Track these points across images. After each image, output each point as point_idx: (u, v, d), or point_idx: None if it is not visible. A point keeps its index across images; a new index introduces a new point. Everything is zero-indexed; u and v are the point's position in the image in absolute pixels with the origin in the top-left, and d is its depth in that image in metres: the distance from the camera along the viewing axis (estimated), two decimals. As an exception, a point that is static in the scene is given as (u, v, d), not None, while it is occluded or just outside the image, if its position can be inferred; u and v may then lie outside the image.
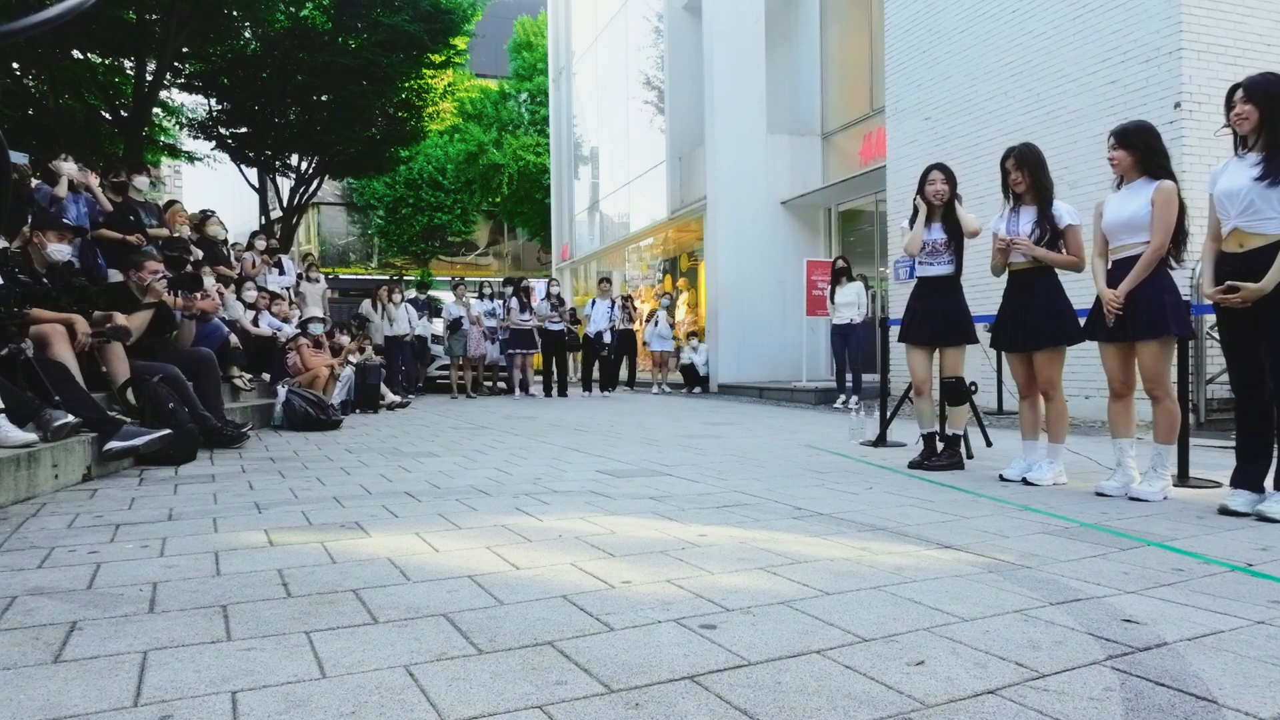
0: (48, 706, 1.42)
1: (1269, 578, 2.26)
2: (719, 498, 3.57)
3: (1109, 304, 3.61)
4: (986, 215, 8.67)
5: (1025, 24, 8.59)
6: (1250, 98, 3.13)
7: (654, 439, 6.24)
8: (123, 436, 4.27)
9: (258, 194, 19.73)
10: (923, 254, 4.57)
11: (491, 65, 30.38)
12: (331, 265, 29.72)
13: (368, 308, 11.96)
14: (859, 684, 1.51)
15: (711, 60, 13.75)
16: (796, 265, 12.50)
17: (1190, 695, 1.46)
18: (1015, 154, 4.06)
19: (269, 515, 3.18)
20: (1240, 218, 3.14)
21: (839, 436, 6.42)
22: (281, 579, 2.22)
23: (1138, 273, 3.54)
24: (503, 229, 34.22)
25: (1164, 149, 3.62)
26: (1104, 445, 4.75)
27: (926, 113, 10.04)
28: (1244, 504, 3.16)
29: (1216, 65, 6.98)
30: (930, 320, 4.56)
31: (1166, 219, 3.50)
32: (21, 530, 2.89)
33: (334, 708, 1.41)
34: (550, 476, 4.23)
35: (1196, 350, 6.65)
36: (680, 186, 15.65)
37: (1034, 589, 2.13)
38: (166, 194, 32.73)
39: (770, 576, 2.25)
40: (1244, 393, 3.29)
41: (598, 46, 20.20)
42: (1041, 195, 4.01)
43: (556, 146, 23.22)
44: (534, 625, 1.84)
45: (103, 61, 15.29)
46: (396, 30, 15.71)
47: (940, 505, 3.42)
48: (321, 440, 6.23)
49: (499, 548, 2.60)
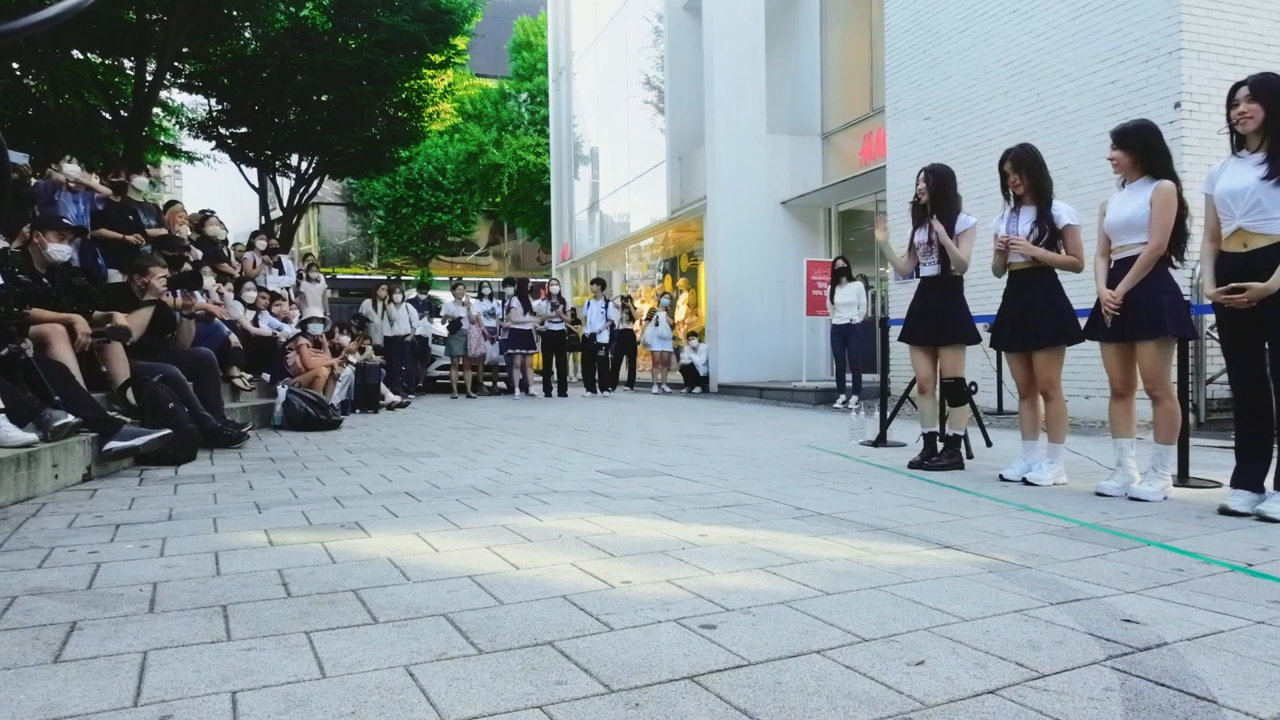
0: (48, 706, 1.42)
1: (1269, 578, 2.26)
2: (719, 498, 3.57)
3: (1106, 304, 3.61)
4: (987, 215, 8.68)
5: (1025, 24, 8.59)
6: (1256, 96, 3.11)
7: (654, 439, 6.24)
8: (123, 436, 4.27)
9: (258, 194, 19.73)
10: (920, 254, 4.59)
11: (491, 65, 30.38)
12: (331, 265, 29.75)
13: (368, 308, 11.96)
14: (859, 684, 1.51)
15: (711, 60, 13.75)
16: (796, 265, 12.50)
17: (1190, 695, 1.46)
18: (1013, 156, 4.08)
19: (269, 515, 3.18)
20: (1245, 217, 3.12)
21: (839, 436, 6.42)
22: (281, 579, 2.22)
23: (1136, 273, 3.54)
24: (503, 229, 34.23)
25: (1164, 148, 3.61)
26: (1104, 445, 4.76)
27: (926, 113, 10.04)
28: (1244, 504, 3.15)
29: (1216, 65, 6.98)
30: (926, 320, 4.58)
31: (1164, 219, 3.50)
32: (21, 530, 2.89)
33: (334, 708, 1.41)
34: (550, 476, 4.23)
35: (1196, 350, 6.65)
36: (680, 186, 15.65)
37: (1034, 589, 2.13)
38: (166, 194, 32.74)
39: (770, 576, 2.25)
40: (1244, 393, 3.29)
41: (598, 46, 20.20)
42: (1040, 196, 4.02)
43: (556, 146, 23.22)
44: (534, 625, 1.84)
45: (103, 61, 15.29)
46: (396, 30, 15.71)
47: (940, 505, 3.42)
48: (321, 440, 6.23)
49: (499, 548, 2.60)
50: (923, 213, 4.58)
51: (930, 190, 4.50)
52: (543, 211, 25.96)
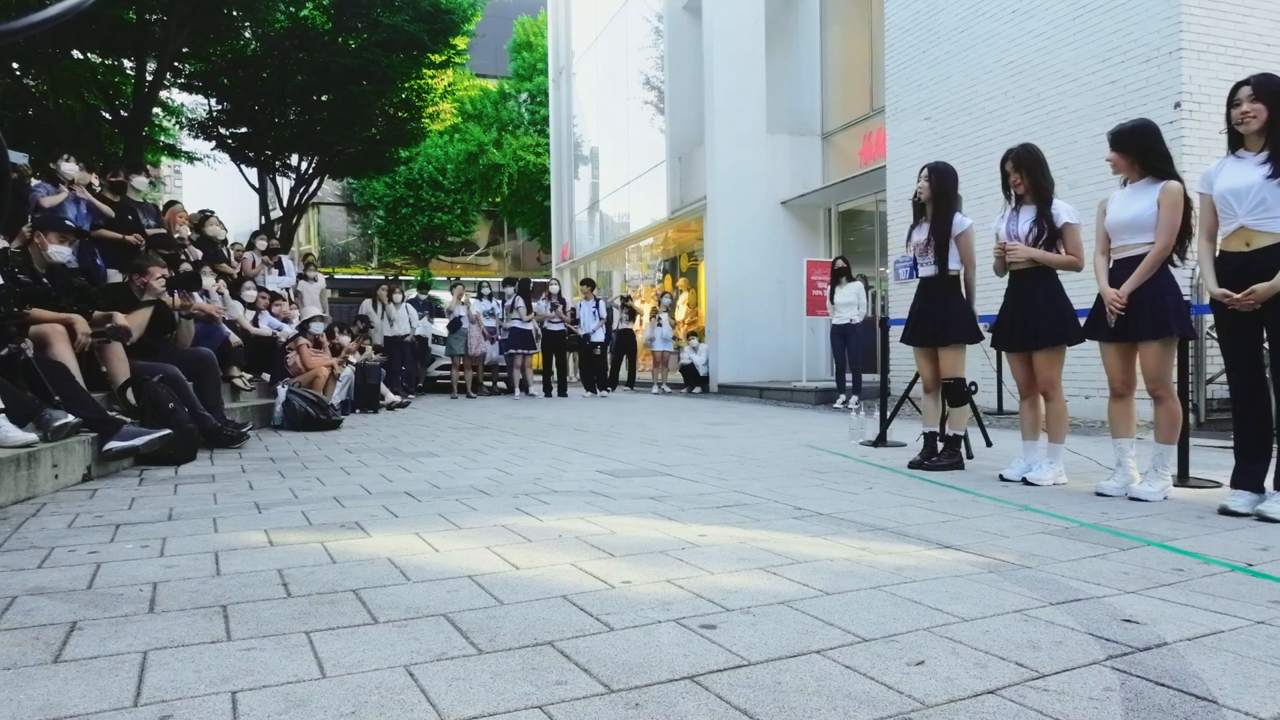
0: (48, 706, 1.42)
1: (1269, 578, 2.26)
2: (719, 498, 3.57)
3: (1112, 304, 3.60)
4: (987, 215, 8.69)
5: (1025, 24, 8.59)
6: (1260, 96, 3.10)
7: (654, 439, 6.24)
8: (122, 436, 4.27)
9: (258, 194, 19.73)
10: (918, 254, 4.62)
11: (491, 65, 30.39)
12: (331, 265, 29.75)
13: (368, 308, 11.96)
14: (859, 684, 1.51)
15: (711, 60, 13.75)
16: (796, 265, 12.50)
17: (1190, 695, 1.46)
18: (1014, 156, 4.08)
19: (269, 515, 3.17)
20: (1249, 216, 3.11)
21: (839, 436, 6.42)
22: (281, 579, 2.22)
23: (1142, 273, 3.53)
24: (503, 229, 34.22)
25: (1161, 149, 3.59)
26: (1104, 445, 4.76)
27: (926, 113, 10.04)
28: (1244, 504, 3.15)
29: (1216, 65, 6.98)
30: (923, 321, 4.61)
31: (1173, 220, 3.49)
32: (21, 530, 2.89)
33: (334, 708, 1.41)
34: (550, 476, 4.23)
35: (1196, 350, 6.65)
36: (680, 186, 15.65)
37: (1034, 589, 2.13)
38: (166, 194, 32.73)
39: (770, 576, 2.25)
40: (1244, 393, 3.29)
41: (598, 46, 20.20)
42: (1040, 195, 4.02)
43: (556, 146, 23.21)
44: (534, 625, 1.84)
45: (103, 61, 15.28)
46: (396, 30, 15.71)
47: (940, 505, 3.42)
48: (321, 440, 6.22)
49: (499, 548, 2.60)
50: (922, 210, 4.60)
51: (932, 189, 4.50)
52: (543, 211, 25.96)
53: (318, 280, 11.56)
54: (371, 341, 11.09)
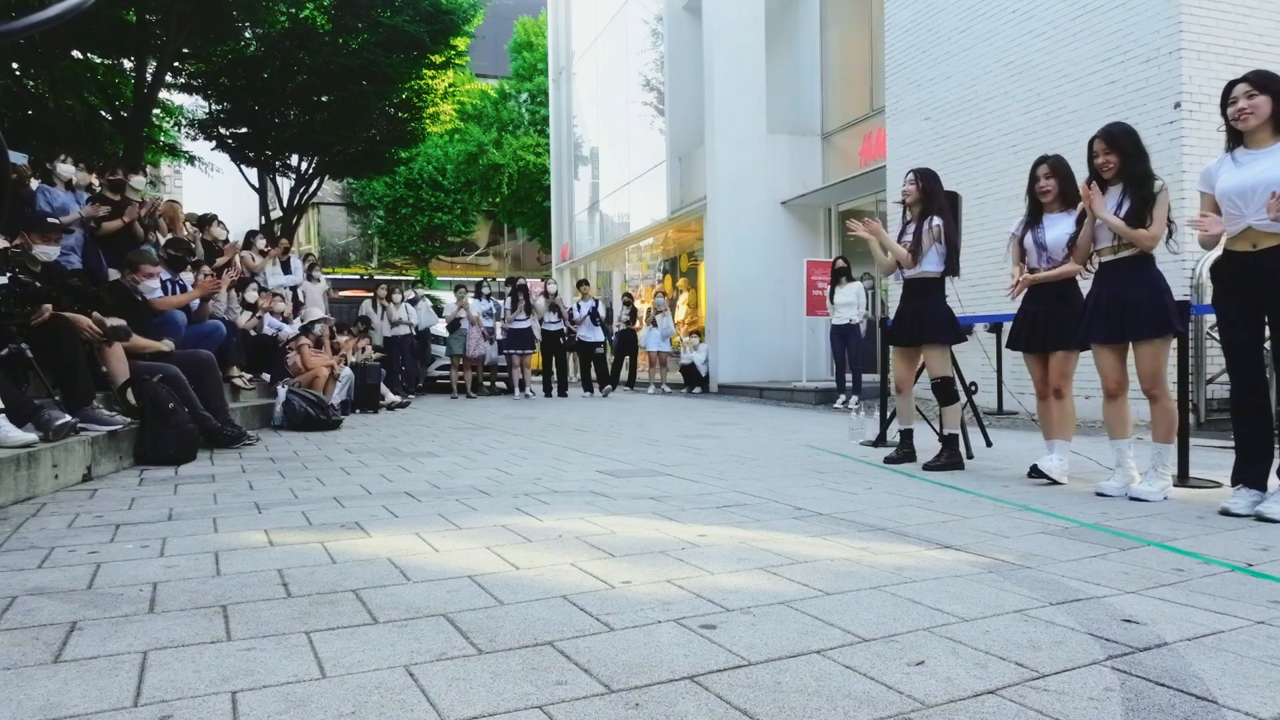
0: (48, 706, 1.42)
1: (1269, 578, 2.26)
2: (719, 498, 3.57)
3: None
4: (987, 215, 8.71)
5: (1025, 24, 8.58)
6: (1262, 89, 3.07)
7: (654, 439, 6.24)
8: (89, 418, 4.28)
9: (258, 194, 19.72)
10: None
11: (491, 65, 30.36)
12: (331, 265, 29.71)
13: (368, 308, 11.96)
14: (859, 684, 1.51)
15: (711, 60, 13.75)
16: (796, 265, 12.50)
17: (1190, 695, 1.46)
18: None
19: (269, 515, 3.18)
20: (1257, 215, 3.05)
21: (839, 436, 6.42)
22: (281, 579, 2.22)
23: (1115, 226, 3.54)
24: (503, 229, 34.21)
25: (1141, 150, 3.58)
26: (1104, 445, 4.75)
27: (926, 113, 10.04)
28: (1244, 504, 3.15)
29: (1216, 65, 6.97)
30: (904, 321, 4.69)
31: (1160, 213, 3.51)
32: (21, 530, 2.89)
33: (334, 708, 1.41)
34: (550, 476, 4.23)
35: (1197, 350, 6.65)
36: (680, 186, 15.65)
37: (1034, 589, 2.13)
38: (167, 194, 32.69)
39: (770, 576, 2.25)
40: (1244, 393, 3.29)
41: (598, 47, 20.20)
42: (1071, 203, 4.02)
43: (556, 147, 23.21)
44: (534, 625, 1.84)
45: (103, 62, 15.27)
46: (397, 31, 15.70)
47: (940, 505, 3.42)
48: (321, 440, 6.22)
49: (499, 548, 2.60)
50: (909, 213, 4.68)
51: (920, 192, 4.60)
52: (543, 211, 25.95)
53: (320, 281, 11.57)
54: (371, 342, 11.09)
